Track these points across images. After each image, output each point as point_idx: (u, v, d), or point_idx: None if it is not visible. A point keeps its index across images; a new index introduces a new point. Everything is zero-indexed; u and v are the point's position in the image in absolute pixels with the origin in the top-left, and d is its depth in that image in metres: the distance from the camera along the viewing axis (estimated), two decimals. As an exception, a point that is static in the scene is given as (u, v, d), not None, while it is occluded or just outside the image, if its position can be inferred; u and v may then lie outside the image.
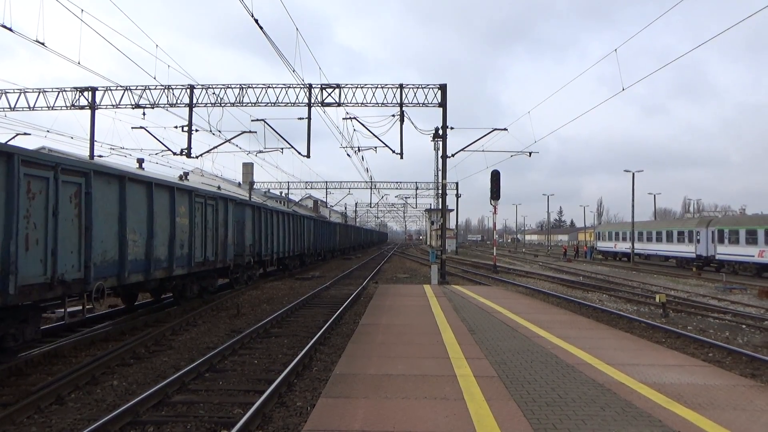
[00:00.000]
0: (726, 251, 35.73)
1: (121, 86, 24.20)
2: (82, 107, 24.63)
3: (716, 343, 11.45)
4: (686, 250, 40.70)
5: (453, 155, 26.24)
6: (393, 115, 23.72)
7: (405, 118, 23.71)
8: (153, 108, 24.35)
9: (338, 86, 23.79)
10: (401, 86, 23.76)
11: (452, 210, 67.98)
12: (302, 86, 23.63)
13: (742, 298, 21.32)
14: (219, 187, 41.30)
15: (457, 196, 65.34)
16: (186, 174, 42.93)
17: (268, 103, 24.01)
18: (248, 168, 70.19)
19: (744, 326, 14.45)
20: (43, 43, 16.14)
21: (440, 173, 26.59)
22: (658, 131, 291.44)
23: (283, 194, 67.31)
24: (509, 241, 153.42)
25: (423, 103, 23.71)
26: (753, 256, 32.80)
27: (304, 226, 31.71)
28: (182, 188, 13.79)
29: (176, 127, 24.88)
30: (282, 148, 28.40)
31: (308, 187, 66.24)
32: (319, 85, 23.78)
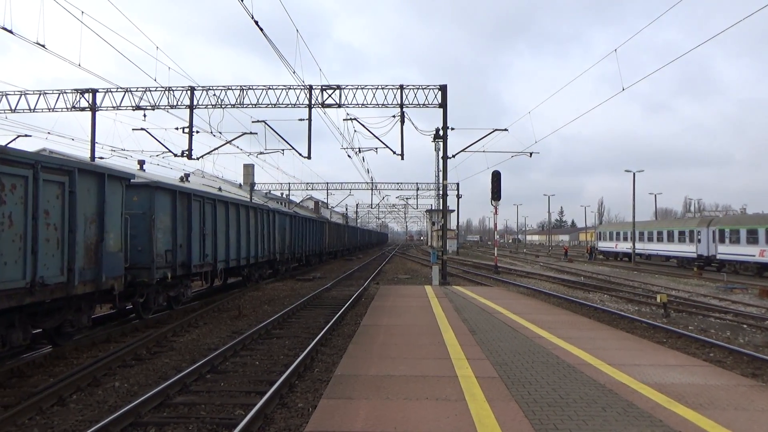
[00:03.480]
0: (727, 251, 35.70)
1: (121, 88, 24.23)
2: (82, 109, 24.65)
3: (717, 343, 11.44)
4: (687, 249, 40.67)
5: (454, 156, 26.26)
6: (393, 116, 23.73)
7: (405, 119, 23.72)
8: (154, 110, 24.36)
9: (339, 87, 23.81)
10: (401, 87, 23.77)
11: (453, 210, 68.00)
12: (303, 87, 23.65)
13: (743, 298, 21.31)
14: (220, 189, 41.34)
15: (458, 196, 65.34)
16: (187, 176, 42.95)
17: (268, 105, 24.02)
18: (249, 169, 70.29)
19: (745, 326, 14.44)
20: (43, 46, 16.17)
21: (441, 174, 26.57)
22: (660, 129, 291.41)
23: (284, 195, 67.36)
24: (510, 241, 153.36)
25: (423, 104, 23.72)
26: (754, 255, 32.77)
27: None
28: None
29: (177, 128, 24.89)
30: (283, 150, 28.39)
31: (309, 188, 66.30)
32: (320, 87, 23.79)
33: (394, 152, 24.79)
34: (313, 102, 23.77)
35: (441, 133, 24.32)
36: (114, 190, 10.63)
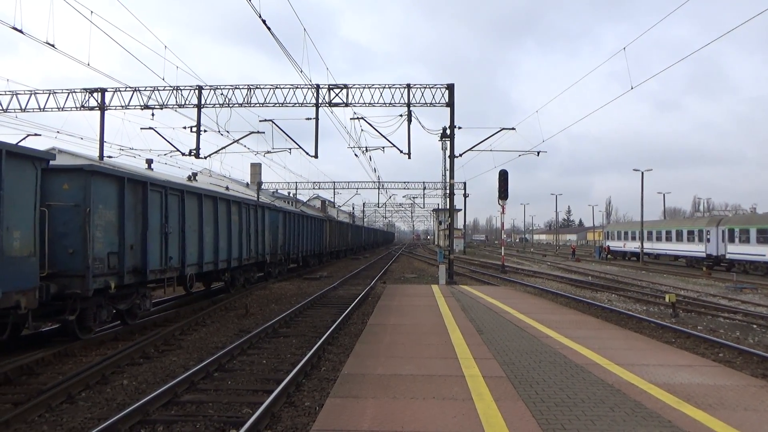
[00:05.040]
0: (736, 250, 35.43)
1: (130, 87, 24.35)
2: (91, 108, 24.79)
3: (727, 343, 11.35)
4: (696, 249, 40.40)
5: (461, 155, 26.18)
6: (400, 115, 23.70)
7: (412, 118, 23.69)
8: (162, 109, 24.46)
9: (346, 86, 23.81)
10: (408, 86, 23.75)
11: (460, 210, 67.88)
12: (310, 87, 23.68)
13: (753, 298, 21.13)
14: (227, 188, 41.47)
15: (465, 195, 65.23)
16: (195, 174, 43.08)
17: (275, 104, 24.06)
18: (256, 168, 70.37)
19: (755, 326, 14.33)
20: (53, 45, 16.27)
21: (448, 173, 26.51)
22: (670, 128, 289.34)
23: (291, 194, 67.48)
24: (517, 240, 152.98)
25: (430, 103, 23.69)
26: (764, 255, 32.50)
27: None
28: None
29: (185, 127, 24.98)
30: (290, 149, 28.42)
31: (316, 187, 66.40)
32: (327, 86, 23.81)
33: (401, 151, 24.77)
34: (320, 101, 23.79)
35: (448, 132, 24.29)
36: (20, 174, 8.32)
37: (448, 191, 26.69)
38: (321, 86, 23.79)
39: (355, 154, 29.96)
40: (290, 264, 28.26)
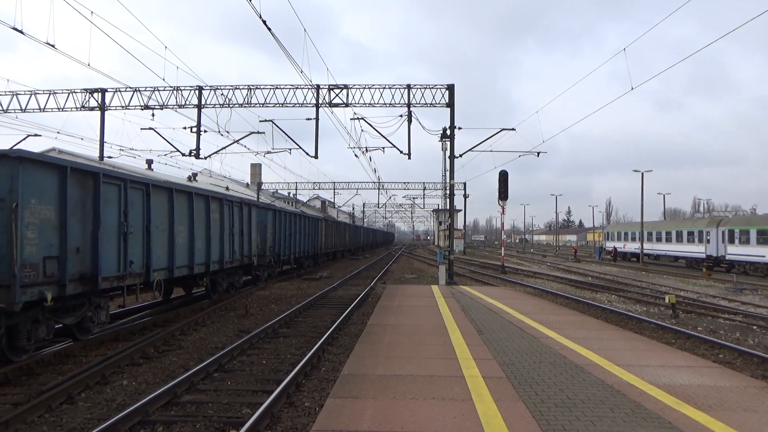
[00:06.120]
0: (736, 251, 35.43)
1: (130, 87, 24.36)
2: (92, 108, 24.81)
3: (727, 344, 11.35)
4: (696, 250, 40.40)
5: (461, 155, 26.19)
6: (401, 116, 23.71)
7: (413, 119, 23.70)
8: (162, 109, 24.48)
9: (346, 87, 23.83)
10: (409, 87, 23.76)
11: (460, 210, 67.88)
12: (310, 87, 23.69)
13: (753, 299, 21.13)
14: (227, 188, 41.48)
15: (465, 196, 65.22)
16: (195, 175, 43.11)
17: (276, 104, 24.08)
18: (256, 169, 70.37)
19: (755, 327, 14.32)
20: (53, 46, 16.28)
21: (448, 173, 26.53)
22: (671, 128, 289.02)
23: (291, 195, 67.49)
24: (517, 241, 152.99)
25: (431, 104, 23.71)
26: (764, 256, 32.50)
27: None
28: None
29: (185, 128, 25.00)
30: (290, 149, 28.46)
31: (316, 187, 66.36)
32: (327, 86, 23.82)
33: (401, 152, 24.79)
34: (320, 101, 23.81)
35: (448, 132, 24.30)
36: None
37: (448, 192, 26.70)
38: (321, 86, 23.81)
39: (356, 155, 30.02)
40: (282, 266, 26.99)
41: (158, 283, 12.28)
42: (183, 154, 25.99)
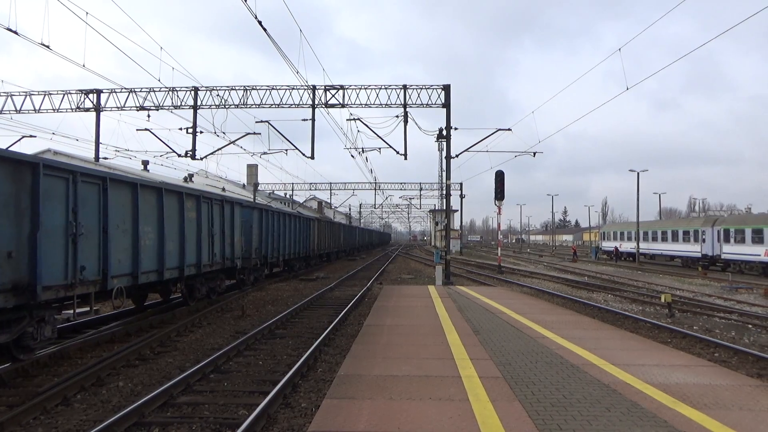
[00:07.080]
0: (732, 250, 35.57)
1: (125, 88, 24.29)
2: (87, 109, 24.72)
3: (722, 343, 11.39)
4: (692, 249, 40.55)
5: (457, 156, 26.20)
6: (397, 116, 23.71)
7: (409, 119, 23.71)
8: (158, 110, 24.41)
9: (342, 87, 23.82)
10: (405, 87, 23.78)
11: (456, 210, 67.94)
12: (306, 88, 23.67)
13: (749, 298, 21.22)
14: (224, 189, 41.42)
15: (462, 196, 65.26)
16: (191, 176, 43.04)
17: (272, 105, 24.05)
18: (252, 169, 70.28)
19: (750, 326, 14.38)
20: (48, 46, 16.22)
21: (444, 174, 26.55)
22: (668, 127, 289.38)
23: (288, 196, 67.45)
24: (513, 241, 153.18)
25: (427, 104, 23.71)
26: (759, 255, 32.63)
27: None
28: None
29: (181, 128, 24.95)
30: (286, 150, 28.44)
31: (312, 188, 66.44)
32: (323, 87, 23.81)
33: (398, 152, 24.80)
34: (316, 102, 23.79)
35: (444, 132, 24.32)
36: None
37: (444, 192, 26.71)
38: (317, 87, 23.79)
39: (352, 155, 30.02)
40: (272, 269, 26.07)
41: (119, 290, 10.66)
42: (179, 155, 25.95)
